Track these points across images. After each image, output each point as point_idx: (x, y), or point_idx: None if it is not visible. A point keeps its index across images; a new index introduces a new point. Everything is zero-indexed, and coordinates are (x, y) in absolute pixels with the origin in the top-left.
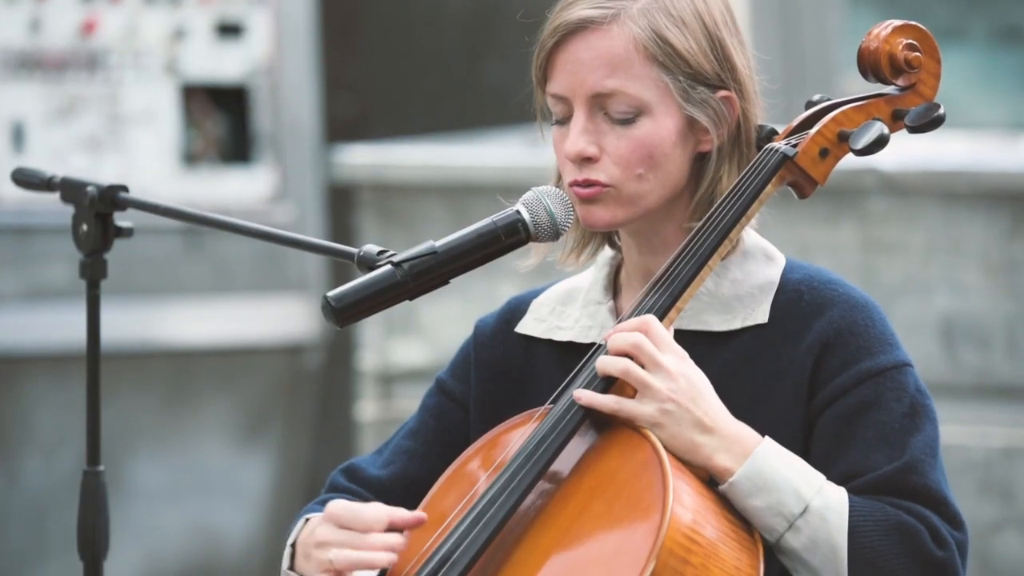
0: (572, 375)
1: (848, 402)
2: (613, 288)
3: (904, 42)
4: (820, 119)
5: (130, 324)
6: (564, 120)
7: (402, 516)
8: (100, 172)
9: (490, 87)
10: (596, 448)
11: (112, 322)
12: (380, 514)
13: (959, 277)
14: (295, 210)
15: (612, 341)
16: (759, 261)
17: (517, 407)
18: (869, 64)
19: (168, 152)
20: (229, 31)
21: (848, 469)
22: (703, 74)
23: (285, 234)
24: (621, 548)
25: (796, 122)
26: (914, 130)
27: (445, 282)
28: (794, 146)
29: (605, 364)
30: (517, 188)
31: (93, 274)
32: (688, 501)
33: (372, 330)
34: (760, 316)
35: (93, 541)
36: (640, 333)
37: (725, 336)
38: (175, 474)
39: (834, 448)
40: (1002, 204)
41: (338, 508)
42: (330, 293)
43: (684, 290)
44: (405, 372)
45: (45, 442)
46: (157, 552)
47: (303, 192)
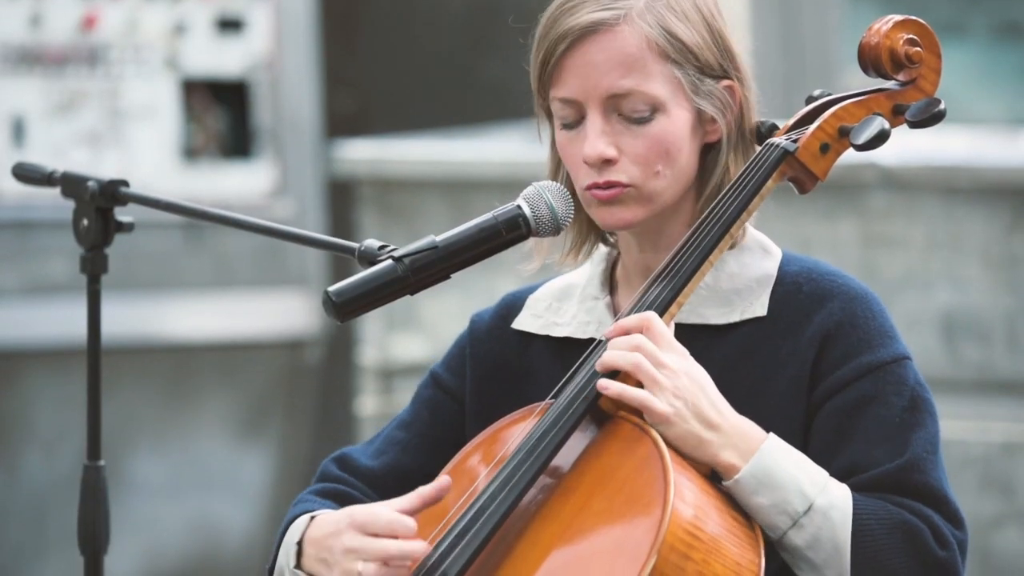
0: (573, 370)
1: (848, 396)
2: (610, 284)
3: (905, 37)
4: (820, 114)
5: (131, 319)
6: (573, 124)
7: (426, 491)
8: (101, 167)
9: (490, 82)
10: (597, 443)
11: (113, 317)
12: (398, 516)
13: (959, 272)
14: (295, 205)
15: (614, 342)
16: (756, 254)
17: (513, 402)
18: (870, 59)
19: (168, 147)
20: (229, 26)
21: (849, 464)
22: (709, 65)
23: (285, 229)
24: (622, 543)
25: (796, 117)
26: (915, 125)
27: (446, 277)
28: (794, 141)
29: (614, 358)
30: (517, 183)
31: (94, 269)
32: (689, 497)
33: (373, 325)
34: (759, 309)
35: (93, 536)
36: (640, 333)
37: (724, 329)
38: (175, 469)
39: (835, 442)
40: (1003, 199)
41: (362, 515)
42: (331, 288)
43: (685, 285)
44: (405, 367)
45: (45, 437)
46: (157, 547)
47: (303, 187)
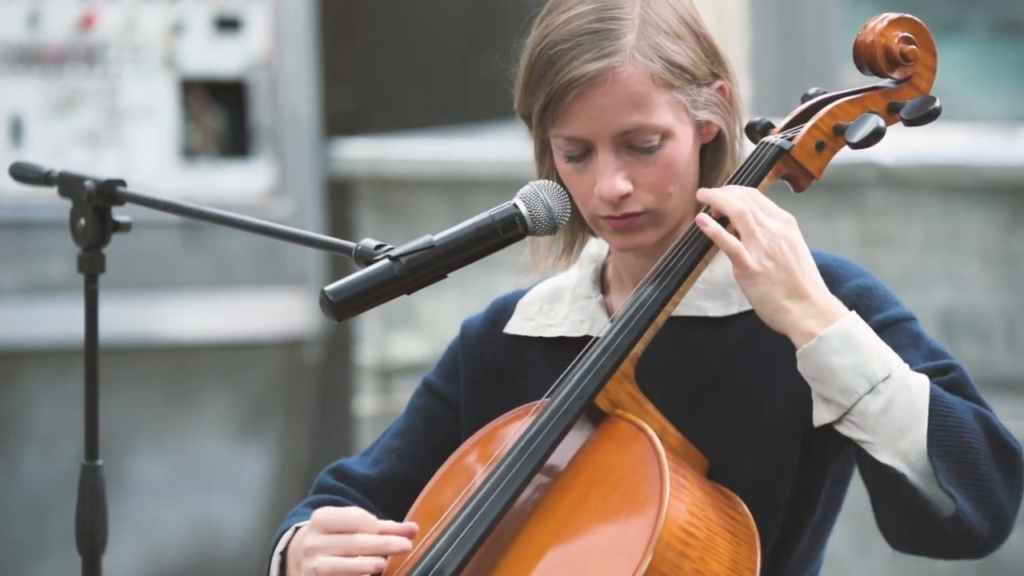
0: (571, 366)
1: None
2: (601, 284)
3: (900, 35)
4: (816, 112)
5: (129, 318)
6: (579, 157)
7: (392, 527)
8: (99, 166)
9: (489, 81)
10: (593, 441)
11: (111, 316)
12: (366, 514)
13: (958, 270)
14: (294, 204)
15: (720, 199)
16: None
17: (507, 406)
18: (865, 57)
19: (167, 146)
20: (228, 25)
21: None
22: (703, 76)
23: (282, 228)
24: (618, 541)
25: (792, 116)
26: (910, 123)
27: (443, 276)
28: (790, 139)
29: (723, 197)
30: (516, 182)
31: (91, 268)
32: (685, 495)
33: (371, 324)
34: None
35: (92, 535)
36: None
37: (723, 321)
38: (174, 468)
39: None
40: (1001, 197)
41: (324, 514)
42: (327, 287)
43: (680, 284)
44: (404, 366)
45: (44, 436)
46: (157, 546)
47: (302, 186)
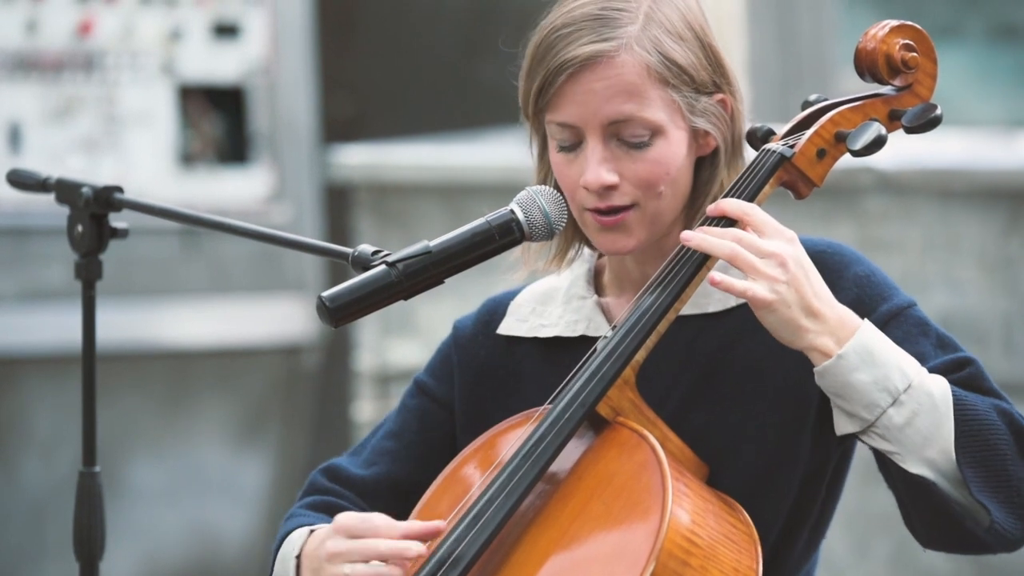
0: (573, 373)
1: None
2: (595, 285)
3: (901, 42)
4: (817, 119)
5: (128, 325)
6: (571, 147)
7: (416, 528)
8: (97, 173)
9: (486, 87)
10: (595, 449)
11: (109, 323)
12: (391, 521)
13: (956, 275)
14: (292, 210)
15: (709, 245)
16: None
17: (502, 407)
18: (866, 64)
19: (165, 153)
20: (226, 31)
21: None
22: (703, 83)
23: (280, 234)
24: (621, 550)
25: (793, 122)
26: (911, 131)
27: (440, 282)
28: (791, 147)
29: (712, 246)
30: (514, 188)
31: (88, 275)
32: (687, 503)
33: (369, 330)
34: None
35: (89, 542)
36: (738, 221)
37: (720, 314)
38: (173, 475)
39: None
40: (999, 202)
41: (347, 519)
42: (324, 293)
43: (682, 291)
44: (402, 372)
45: (43, 443)
46: (156, 553)
47: (300, 192)
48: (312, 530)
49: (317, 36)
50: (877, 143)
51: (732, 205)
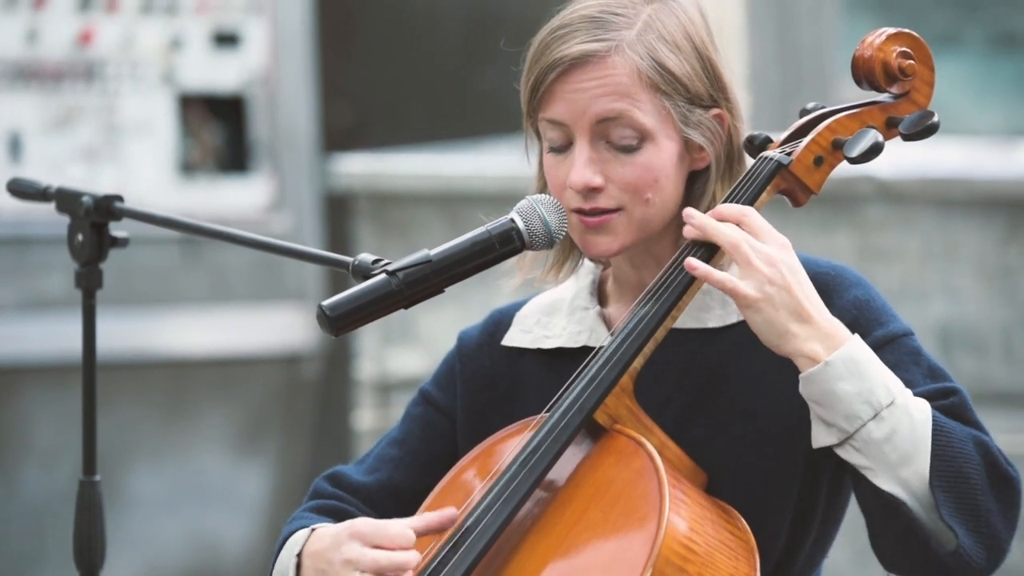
0: (570, 381)
1: None
2: (599, 296)
3: (898, 50)
4: (814, 127)
5: (128, 334)
6: (560, 148)
7: (434, 520)
8: (98, 182)
9: (487, 96)
10: (592, 456)
11: (110, 332)
12: (405, 530)
13: (955, 284)
14: (292, 219)
15: (712, 230)
16: None
17: (505, 417)
18: (863, 72)
19: (165, 162)
20: (226, 41)
21: None
22: (699, 96)
23: (280, 243)
24: (618, 557)
25: (790, 130)
26: (908, 138)
27: (440, 291)
28: (788, 154)
29: (716, 232)
30: (514, 196)
31: (89, 284)
32: (685, 510)
33: (369, 339)
34: None
35: (90, 551)
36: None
37: (720, 331)
38: (174, 484)
39: None
40: (998, 210)
41: (364, 526)
42: (325, 302)
43: (678, 300)
44: (402, 381)
45: (43, 452)
46: (156, 561)
47: (300, 201)
48: (313, 529)
49: (317, 45)
50: (874, 150)
51: (729, 208)
